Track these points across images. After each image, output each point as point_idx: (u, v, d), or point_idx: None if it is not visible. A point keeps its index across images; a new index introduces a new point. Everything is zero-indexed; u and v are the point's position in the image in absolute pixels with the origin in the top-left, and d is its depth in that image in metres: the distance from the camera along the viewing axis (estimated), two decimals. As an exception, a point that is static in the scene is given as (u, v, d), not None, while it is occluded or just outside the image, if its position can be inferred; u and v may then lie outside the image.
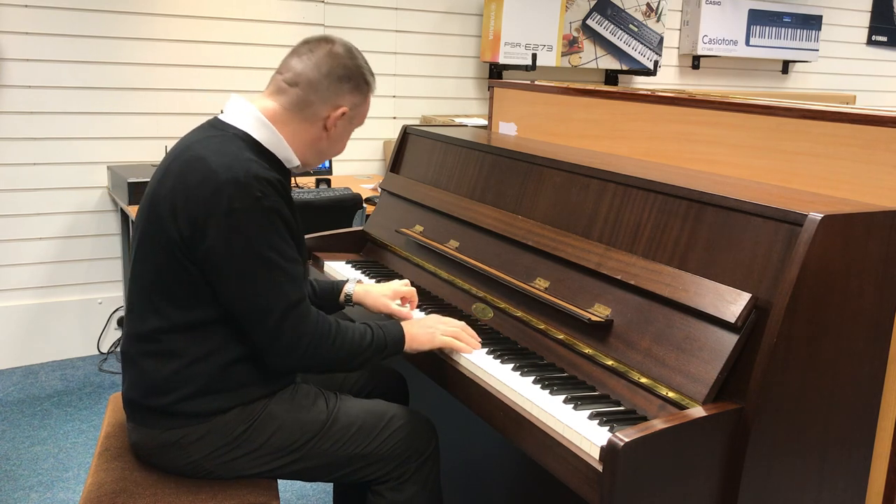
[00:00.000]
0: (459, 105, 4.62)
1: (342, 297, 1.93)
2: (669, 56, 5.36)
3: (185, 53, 3.82)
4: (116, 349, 3.89)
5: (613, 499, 1.21)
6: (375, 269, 2.22)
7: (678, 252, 1.50)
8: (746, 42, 5.45)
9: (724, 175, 1.78)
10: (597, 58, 4.77)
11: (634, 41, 4.86)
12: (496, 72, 4.62)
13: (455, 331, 1.68)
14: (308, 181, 3.86)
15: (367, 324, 1.65)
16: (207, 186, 1.47)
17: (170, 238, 1.50)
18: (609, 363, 1.50)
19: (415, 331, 1.68)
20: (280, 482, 2.65)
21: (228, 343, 1.57)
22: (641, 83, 5.21)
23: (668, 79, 5.40)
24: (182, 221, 1.49)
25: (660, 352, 1.42)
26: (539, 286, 1.72)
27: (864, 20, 6.21)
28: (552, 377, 1.53)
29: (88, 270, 3.82)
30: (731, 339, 1.33)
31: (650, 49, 4.93)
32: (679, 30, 5.37)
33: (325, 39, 1.65)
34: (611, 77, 5.06)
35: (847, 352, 1.38)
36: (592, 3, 4.66)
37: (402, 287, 1.89)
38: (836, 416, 1.40)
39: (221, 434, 1.58)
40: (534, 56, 4.54)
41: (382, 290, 1.89)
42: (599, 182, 1.73)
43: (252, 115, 1.60)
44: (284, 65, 1.66)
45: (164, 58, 3.78)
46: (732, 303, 1.34)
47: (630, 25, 4.82)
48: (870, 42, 6.26)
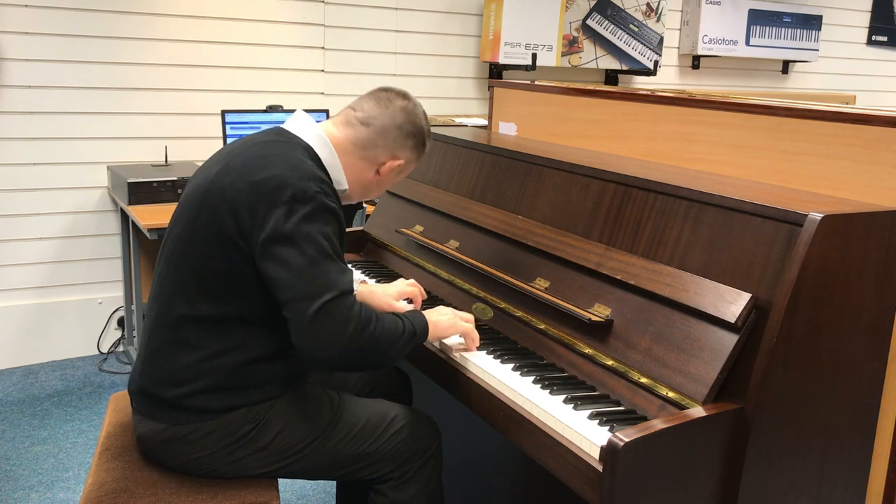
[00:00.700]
0: (459, 105, 4.62)
1: None
2: (669, 56, 5.36)
3: (186, 53, 3.82)
4: (116, 349, 3.90)
5: (613, 499, 1.21)
6: (375, 269, 2.22)
7: (678, 252, 1.50)
8: (746, 42, 5.46)
9: (724, 175, 1.78)
10: (597, 58, 4.77)
11: (634, 41, 4.86)
12: (496, 72, 4.62)
13: (470, 316, 1.72)
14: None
15: (397, 315, 1.64)
16: (272, 182, 1.51)
17: (222, 229, 1.52)
18: (609, 363, 1.50)
19: (435, 318, 1.69)
20: (280, 482, 2.65)
21: (248, 342, 1.57)
22: (641, 83, 5.21)
23: (668, 79, 5.40)
24: (242, 213, 1.51)
25: (660, 352, 1.42)
26: (539, 286, 1.72)
27: (864, 20, 6.21)
28: (552, 377, 1.53)
29: (88, 270, 3.82)
30: (731, 339, 1.33)
31: (650, 49, 4.93)
32: (679, 30, 5.37)
33: (404, 95, 1.74)
34: (611, 77, 5.06)
35: (847, 351, 1.38)
36: (592, 3, 4.66)
37: (407, 287, 1.89)
38: (837, 417, 1.40)
39: (227, 432, 1.58)
40: (534, 56, 4.54)
41: (387, 291, 1.89)
42: (599, 182, 1.74)
43: (315, 133, 1.66)
44: (359, 104, 1.73)
45: (165, 58, 3.78)
46: (732, 303, 1.34)
47: (630, 25, 4.82)
48: (870, 42, 6.26)
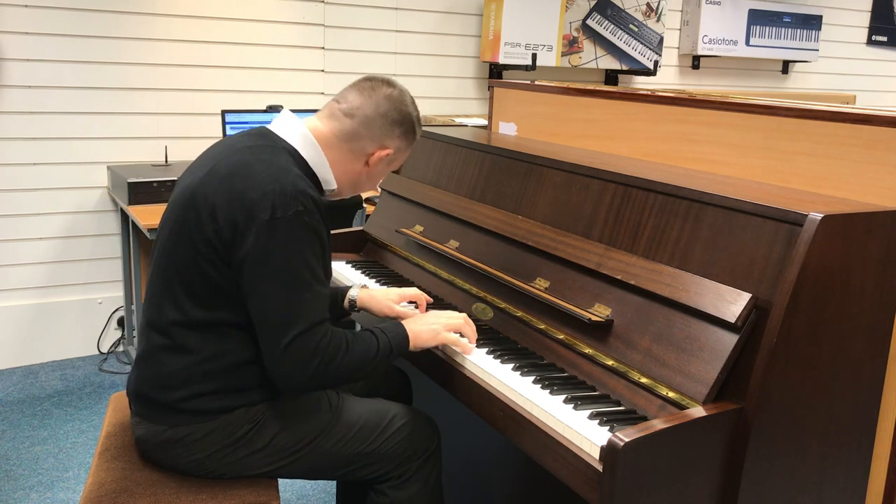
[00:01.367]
0: (459, 105, 4.62)
1: (346, 303, 1.92)
2: (669, 56, 5.36)
3: (186, 53, 3.82)
4: (116, 349, 3.89)
5: (613, 499, 1.21)
6: (376, 270, 2.22)
7: (678, 252, 1.50)
8: (746, 42, 5.45)
9: (724, 175, 1.78)
10: (597, 58, 4.77)
11: (634, 41, 4.86)
12: (496, 72, 4.62)
13: (459, 323, 1.68)
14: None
15: (371, 331, 1.63)
16: (254, 193, 1.48)
17: (205, 237, 1.51)
18: (609, 363, 1.50)
19: (417, 328, 1.67)
20: (280, 482, 2.65)
21: (242, 345, 1.57)
22: (641, 83, 5.21)
23: (668, 79, 5.40)
24: (222, 222, 1.50)
25: (660, 352, 1.42)
26: (539, 286, 1.72)
27: (864, 20, 6.21)
28: (552, 377, 1.53)
29: (88, 270, 3.82)
30: (731, 339, 1.33)
31: (650, 49, 4.93)
32: (679, 30, 5.37)
33: (388, 82, 1.71)
34: (611, 77, 5.06)
35: (847, 351, 1.38)
36: (592, 3, 4.66)
37: (408, 291, 1.89)
38: (836, 417, 1.40)
39: (226, 433, 1.58)
40: (534, 56, 4.54)
41: (388, 295, 1.88)
42: (599, 182, 1.74)
43: (301, 133, 1.64)
44: (343, 95, 1.70)
45: (165, 58, 3.78)
46: (732, 303, 1.34)
47: (630, 25, 4.82)
48: (870, 42, 6.26)
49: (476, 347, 1.68)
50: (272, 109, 3.63)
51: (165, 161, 3.71)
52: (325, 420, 1.65)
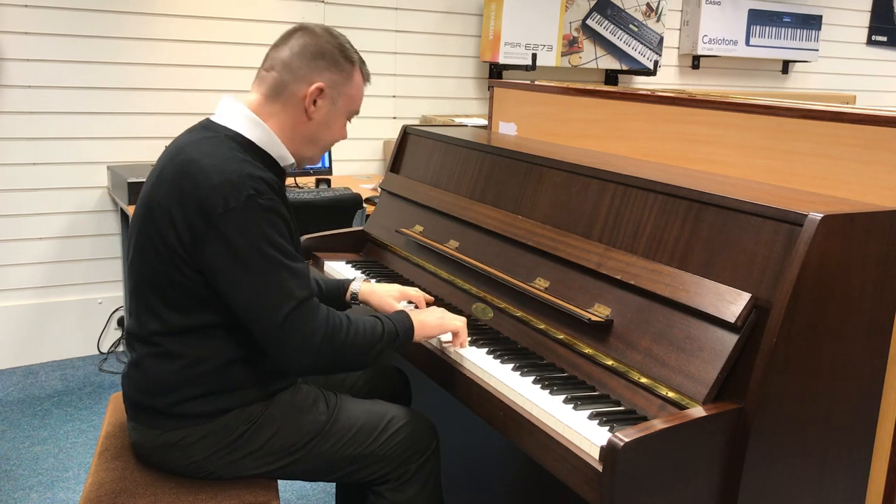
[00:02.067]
0: (459, 105, 4.62)
1: (348, 296, 1.92)
2: (669, 56, 5.36)
3: (186, 53, 3.82)
4: (116, 349, 3.90)
5: (613, 499, 1.21)
6: (375, 269, 2.22)
7: (678, 252, 1.50)
8: (746, 42, 5.45)
9: (724, 175, 1.78)
10: (597, 58, 4.77)
11: (634, 41, 4.86)
12: (496, 72, 4.62)
13: (460, 320, 1.70)
14: (308, 181, 3.86)
15: (377, 316, 1.64)
16: (202, 190, 1.46)
17: (168, 245, 1.49)
18: (609, 363, 1.50)
19: (423, 318, 1.67)
20: (280, 482, 2.65)
21: (227, 345, 1.56)
22: (641, 83, 5.21)
23: (668, 79, 5.40)
24: (181, 228, 1.48)
25: (660, 352, 1.42)
26: (539, 286, 1.72)
27: (864, 20, 6.21)
28: (552, 377, 1.53)
29: (88, 270, 3.82)
30: (731, 339, 1.33)
31: (650, 49, 4.93)
32: (679, 30, 5.37)
33: (302, 26, 1.64)
34: (611, 77, 5.06)
35: (847, 351, 1.38)
36: (592, 3, 4.66)
37: (410, 290, 1.89)
38: (836, 416, 1.40)
39: (222, 435, 1.58)
40: (534, 56, 4.54)
41: (388, 290, 1.88)
42: (599, 182, 1.73)
43: (243, 115, 1.59)
44: (265, 56, 1.65)
45: (165, 58, 3.78)
46: (732, 303, 1.34)
47: (630, 25, 4.82)
48: (870, 42, 6.26)
49: (476, 347, 1.68)
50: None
51: (165, 161, 3.71)
52: (323, 421, 1.65)
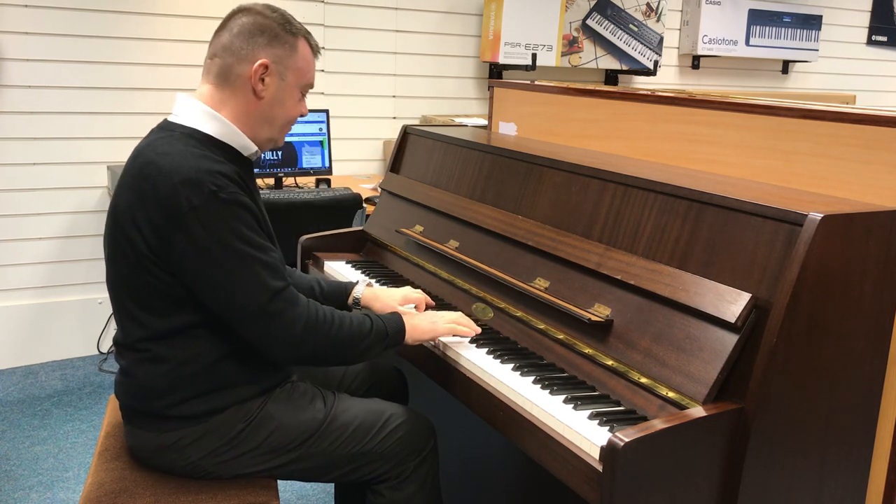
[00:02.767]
0: (459, 105, 4.62)
1: (350, 300, 1.92)
2: (669, 56, 5.36)
3: (186, 53, 3.82)
4: (116, 349, 3.90)
5: (613, 499, 1.21)
6: (376, 269, 2.22)
7: (678, 252, 1.50)
8: (746, 42, 5.45)
9: (725, 175, 1.78)
10: (597, 58, 4.77)
11: (634, 41, 4.86)
12: (496, 72, 4.61)
13: (455, 317, 1.70)
14: (308, 181, 3.86)
15: (367, 314, 1.64)
16: (162, 192, 1.44)
17: (138, 251, 1.49)
18: (609, 363, 1.50)
19: (415, 321, 1.68)
20: (280, 482, 2.65)
21: (213, 344, 1.56)
22: (641, 83, 5.21)
23: (668, 79, 5.39)
24: (146, 232, 1.47)
25: (660, 352, 1.42)
26: (539, 286, 1.72)
27: (864, 20, 6.21)
28: (552, 377, 1.53)
29: (88, 270, 3.82)
30: (731, 339, 1.33)
31: (650, 49, 4.93)
32: (679, 30, 5.37)
33: (242, 6, 1.62)
34: (611, 77, 5.06)
35: (847, 352, 1.38)
36: (592, 3, 4.66)
37: (413, 293, 1.88)
38: (836, 416, 1.40)
39: (219, 434, 1.58)
40: (534, 56, 4.54)
41: (392, 295, 1.87)
42: (599, 182, 1.73)
43: (197, 109, 1.57)
44: (209, 44, 1.64)
45: (165, 58, 3.78)
46: (732, 303, 1.34)
47: (630, 25, 4.82)
48: (870, 42, 6.26)
49: (476, 347, 1.68)
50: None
51: (165, 161, 3.71)
52: (321, 419, 1.65)
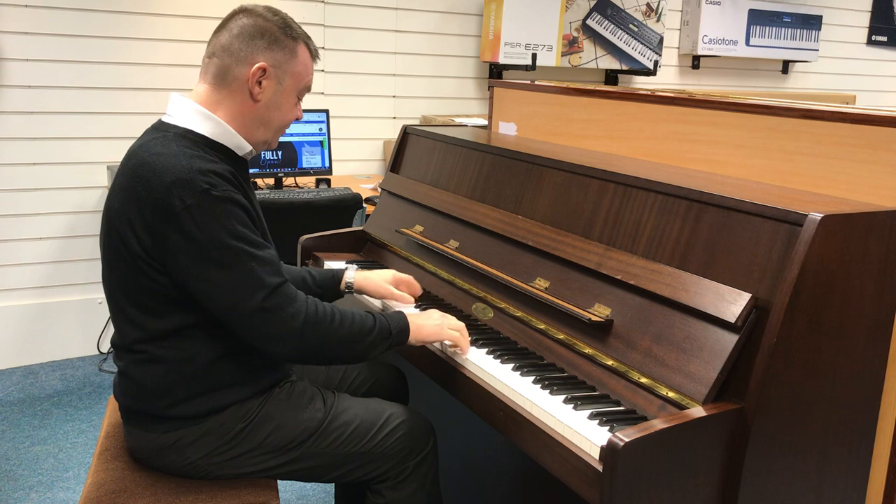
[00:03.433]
0: (459, 105, 4.62)
1: (343, 285, 1.93)
2: (669, 56, 5.36)
3: (185, 53, 3.82)
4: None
5: (613, 499, 1.21)
6: (376, 269, 2.22)
7: (678, 252, 1.50)
8: (746, 42, 5.45)
9: (724, 175, 1.78)
10: (597, 58, 4.77)
11: (634, 41, 4.86)
12: (496, 72, 4.62)
13: (460, 326, 1.68)
14: (308, 181, 3.86)
15: (370, 312, 1.63)
16: (155, 192, 1.44)
17: (133, 252, 1.49)
18: (609, 363, 1.50)
19: (421, 322, 1.65)
20: (280, 482, 2.65)
21: (209, 344, 1.55)
22: (641, 83, 5.21)
23: (668, 79, 5.40)
24: (141, 233, 1.47)
25: (660, 352, 1.42)
26: (539, 286, 1.72)
27: (864, 20, 6.21)
28: (552, 377, 1.53)
29: (88, 270, 3.82)
30: (731, 339, 1.33)
31: (650, 49, 4.93)
32: (679, 30, 5.37)
33: (243, 7, 1.62)
34: (611, 77, 5.06)
35: (847, 352, 1.38)
36: (592, 3, 4.66)
37: (404, 275, 1.90)
38: (836, 416, 1.40)
39: (218, 434, 1.58)
40: (534, 56, 4.54)
41: (384, 276, 1.89)
42: (599, 182, 1.73)
43: (192, 109, 1.57)
44: (207, 43, 1.63)
45: (164, 58, 3.78)
46: (732, 303, 1.34)
47: (630, 25, 4.82)
48: (870, 42, 6.26)
49: (476, 347, 1.68)
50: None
51: (165, 161, 3.71)
52: (320, 419, 1.65)
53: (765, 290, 1.33)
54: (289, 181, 3.81)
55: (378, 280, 1.89)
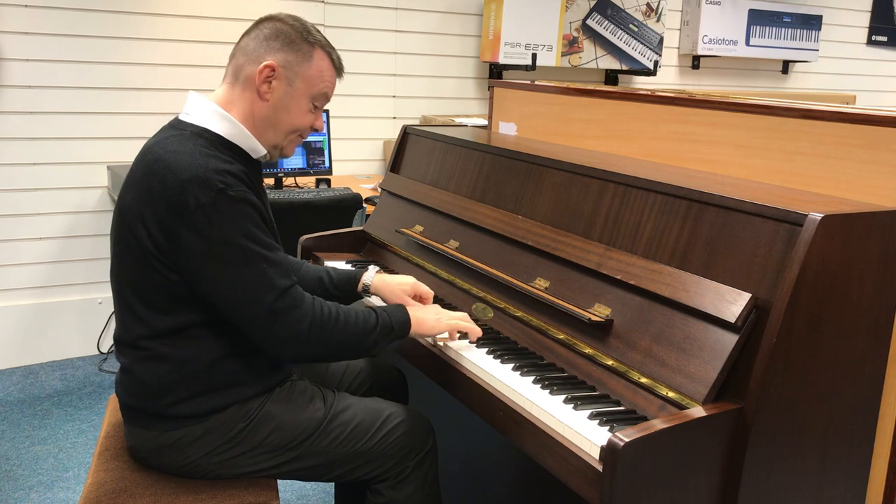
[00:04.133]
0: (459, 105, 4.62)
1: (360, 287, 1.92)
2: (669, 56, 5.36)
3: (185, 53, 3.82)
4: (116, 349, 3.90)
5: (613, 499, 1.21)
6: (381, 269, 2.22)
7: (678, 252, 1.50)
8: (746, 42, 5.45)
9: (724, 175, 1.78)
10: (597, 58, 4.77)
11: (634, 41, 4.86)
12: (496, 72, 4.62)
13: (459, 315, 1.71)
14: (308, 181, 3.86)
15: (371, 308, 1.64)
16: (170, 189, 1.45)
17: (144, 248, 1.49)
18: (609, 363, 1.50)
19: (420, 315, 1.67)
20: (280, 482, 2.65)
21: (214, 344, 1.56)
22: (641, 83, 5.21)
23: (668, 79, 5.40)
24: (154, 230, 1.47)
25: (660, 352, 1.42)
26: (539, 286, 1.72)
27: (864, 20, 6.21)
28: (552, 377, 1.53)
29: (88, 270, 3.82)
30: (731, 339, 1.33)
31: (650, 49, 4.93)
32: (679, 30, 5.37)
33: (269, 15, 1.64)
34: (611, 77, 5.06)
35: (847, 351, 1.38)
36: (592, 3, 4.66)
37: (422, 287, 1.87)
38: (836, 416, 1.40)
39: (219, 433, 1.58)
40: (534, 56, 4.54)
41: (403, 285, 1.86)
42: (599, 182, 1.73)
43: (209, 109, 1.58)
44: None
45: (164, 58, 3.78)
46: (732, 303, 1.34)
47: (630, 25, 4.82)
48: (870, 42, 6.26)
49: (476, 347, 1.68)
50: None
51: (165, 161, 3.71)
52: (320, 418, 1.65)
53: (765, 290, 1.33)
54: (289, 181, 3.81)
55: (396, 288, 1.85)
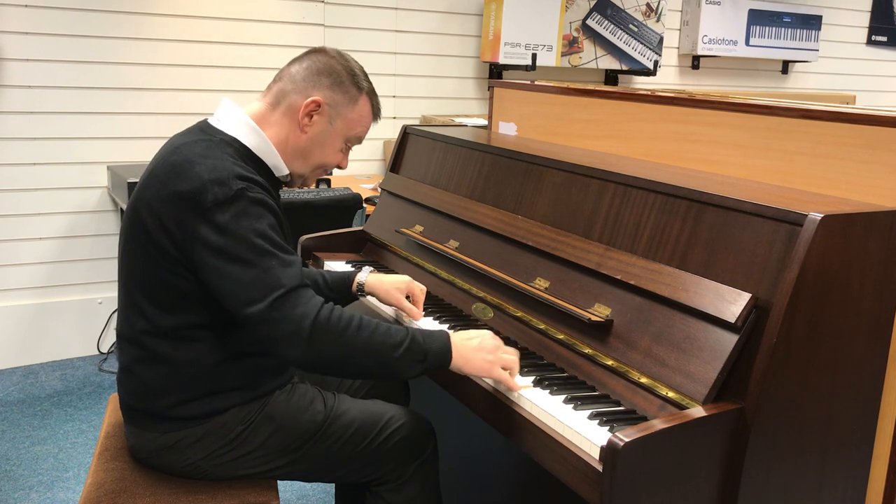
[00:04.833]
0: (459, 105, 4.62)
1: (354, 286, 1.91)
2: (669, 56, 5.36)
3: (185, 53, 3.82)
4: (116, 349, 3.89)
5: (613, 499, 1.21)
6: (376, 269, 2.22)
7: (678, 252, 1.50)
8: (746, 42, 5.45)
9: (724, 175, 1.78)
10: (597, 58, 4.77)
11: (634, 41, 4.86)
12: (496, 72, 4.62)
13: (513, 360, 1.51)
14: (308, 181, 3.85)
15: (409, 329, 1.51)
16: (191, 188, 1.45)
17: (157, 244, 1.49)
18: (609, 363, 1.50)
19: (469, 354, 1.49)
20: (280, 482, 2.65)
21: (215, 346, 1.56)
22: (641, 83, 5.21)
23: (668, 79, 5.40)
24: (171, 227, 1.47)
25: (660, 352, 1.42)
26: (539, 286, 1.72)
27: (864, 20, 6.21)
28: (552, 377, 1.53)
29: (88, 270, 3.82)
30: (731, 339, 1.33)
31: (650, 49, 4.93)
32: (679, 30, 5.37)
33: (321, 48, 1.69)
34: (611, 77, 5.06)
35: (847, 351, 1.38)
36: (592, 3, 4.66)
37: (417, 285, 1.86)
38: (836, 416, 1.40)
39: (219, 435, 1.58)
40: (534, 56, 4.54)
41: (397, 283, 1.84)
42: (599, 182, 1.73)
43: (242, 121, 1.60)
44: (279, 71, 1.69)
45: (164, 58, 3.78)
46: (732, 303, 1.34)
47: (630, 25, 4.82)
48: (870, 42, 6.26)
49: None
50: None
51: (165, 161, 3.71)
52: (320, 421, 1.64)
53: (765, 290, 1.33)
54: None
55: (390, 286, 1.83)
